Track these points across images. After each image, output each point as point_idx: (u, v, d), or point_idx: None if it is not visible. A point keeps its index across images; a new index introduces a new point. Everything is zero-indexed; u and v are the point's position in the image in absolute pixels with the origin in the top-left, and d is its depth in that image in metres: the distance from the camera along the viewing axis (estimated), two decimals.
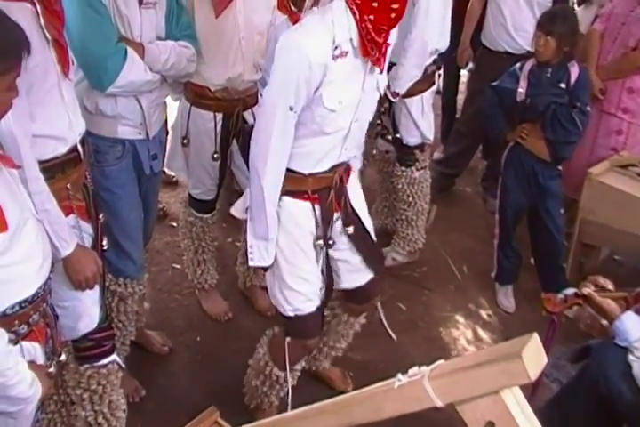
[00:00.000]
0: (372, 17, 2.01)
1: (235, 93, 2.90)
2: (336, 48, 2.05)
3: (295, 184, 2.28)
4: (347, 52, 2.07)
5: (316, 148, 2.23)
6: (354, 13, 2.03)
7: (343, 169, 2.39)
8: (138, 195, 2.62)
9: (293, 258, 2.34)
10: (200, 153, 3.01)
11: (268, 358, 2.57)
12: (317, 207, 2.34)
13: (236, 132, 2.99)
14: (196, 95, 2.90)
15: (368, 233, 2.53)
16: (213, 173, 3.07)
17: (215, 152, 2.98)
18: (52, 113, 1.98)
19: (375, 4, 2.00)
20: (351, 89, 2.16)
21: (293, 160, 2.22)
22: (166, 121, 2.76)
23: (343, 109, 2.15)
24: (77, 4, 2.21)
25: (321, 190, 2.33)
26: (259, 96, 3.02)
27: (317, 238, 2.36)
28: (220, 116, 2.93)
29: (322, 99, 2.09)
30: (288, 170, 2.23)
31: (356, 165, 2.56)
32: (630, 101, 3.77)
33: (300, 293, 2.36)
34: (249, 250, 2.32)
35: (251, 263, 2.34)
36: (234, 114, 2.94)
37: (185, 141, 2.99)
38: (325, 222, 2.37)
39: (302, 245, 2.35)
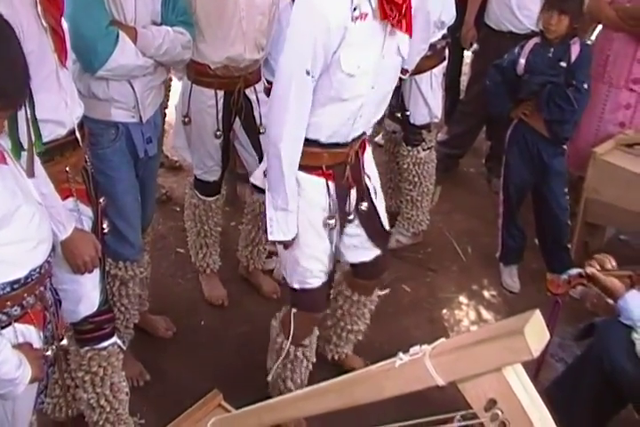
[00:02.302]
0: None
1: (235, 71, 2.87)
2: (355, 9, 1.98)
3: (310, 159, 2.24)
4: (366, 14, 2.01)
5: (332, 115, 2.18)
6: None
7: (358, 144, 2.35)
8: (134, 178, 2.59)
9: (305, 235, 2.32)
10: (201, 131, 2.99)
11: (279, 331, 2.58)
12: (331, 184, 2.31)
13: (238, 110, 2.97)
14: (197, 73, 2.89)
15: (377, 212, 2.52)
16: (215, 151, 3.05)
17: (217, 130, 2.96)
18: (49, 98, 1.97)
19: None
20: (370, 53, 2.10)
21: (310, 129, 2.18)
22: (162, 104, 2.72)
23: (361, 75, 2.09)
24: None
25: (336, 166, 2.30)
26: (262, 75, 3.00)
27: (330, 217, 2.34)
28: (221, 93, 2.91)
29: (340, 63, 2.04)
30: (304, 140, 2.19)
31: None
32: None
33: (309, 270, 2.37)
34: (268, 223, 2.27)
35: (270, 237, 2.30)
36: (235, 91, 2.92)
37: (186, 120, 2.98)
38: (341, 199, 2.35)
39: (314, 223, 2.33)
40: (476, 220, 4.22)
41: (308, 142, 2.21)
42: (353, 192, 2.39)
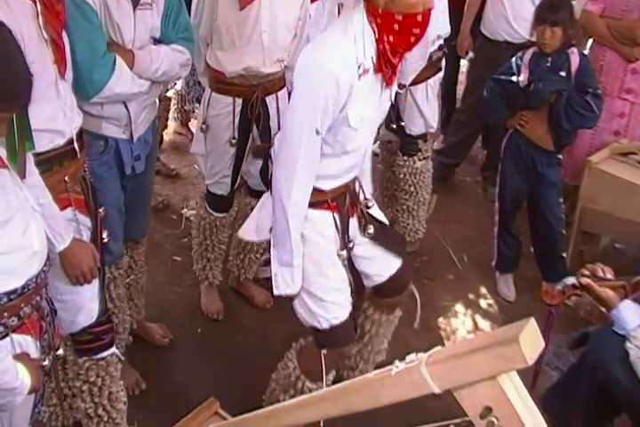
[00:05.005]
0: (391, 38, 2.00)
1: (253, 79, 2.86)
2: (359, 66, 2.02)
3: (316, 197, 2.24)
4: (368, 70, 2.05)
5: (337, 166, 2.21)
6: (374, 31, 2.01)
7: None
8: (119, 190, 2.56)
9: (324, 269, 2.31)
10: (217, 139, 2.97)
11: (299, 373, 2.49)
12: (336, 215, 2.32)
13: (256, 118, 2.95)
14: (215, 80, 2.90)
15: (383, 225, 2.52)
16: (228, 160, 3.01)
17: (233, 137, 2.94)
18: (48, 109, 1.98)
19: (397, 27, 1.97)
20: (370, 105, 2.13)
21: (316, 180, 2.19)
22: (154, 120, 2.68)
23: (363, 126, 2.12)
24: (69, 11, 2.13)
25: (338, 197, 2.32)
26: (287, 82, 2.98)
27: (342, 248, 2.35)
28: (239, 101, 2.89)
29: (347, 118, 2.06)
30: None
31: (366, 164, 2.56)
32: (634, 82, 3.75)
33: (333, 302, 2.33)
34: (273, 278, 2.27)
35: (276, 292, 2.28)
36: (252, 99, 2.90)
37: (204, 127, 2.98)
38: (344, 228, 2.36)
39: (329, 255, 2.32)
40: (471, 228, 4.23)
41: (315, 188, 2.22)
42: (353, 220, 2.40)
